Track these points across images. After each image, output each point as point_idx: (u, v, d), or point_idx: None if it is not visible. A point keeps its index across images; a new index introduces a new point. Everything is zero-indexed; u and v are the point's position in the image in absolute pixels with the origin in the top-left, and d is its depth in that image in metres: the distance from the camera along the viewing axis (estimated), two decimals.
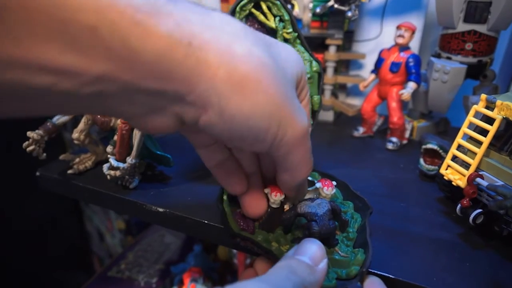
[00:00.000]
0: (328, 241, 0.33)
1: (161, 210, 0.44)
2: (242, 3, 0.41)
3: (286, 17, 0.43)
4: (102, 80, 0.19)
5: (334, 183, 0.38)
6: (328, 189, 0.37)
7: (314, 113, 0.49)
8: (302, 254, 0.27)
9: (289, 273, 0.24)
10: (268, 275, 0.24)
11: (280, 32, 0.44)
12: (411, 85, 0.59)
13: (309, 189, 0.42)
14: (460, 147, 0.42)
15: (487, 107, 0.40)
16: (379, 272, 0.35)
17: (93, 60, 0.18)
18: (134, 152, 0.44)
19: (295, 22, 0.44)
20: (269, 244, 0.34)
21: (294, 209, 0.33)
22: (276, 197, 0.34)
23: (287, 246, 0.34)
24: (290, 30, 0.44)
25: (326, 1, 0.64)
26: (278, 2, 0.43)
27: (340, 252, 0.34)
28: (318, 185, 0.37)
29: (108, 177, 0.46)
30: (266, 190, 0.35)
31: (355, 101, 0.80)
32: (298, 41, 0.45)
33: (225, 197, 0.39)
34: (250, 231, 0.35)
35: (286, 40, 0.45)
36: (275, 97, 0.23)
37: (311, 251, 0.27)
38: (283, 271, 0.24)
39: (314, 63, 0.46)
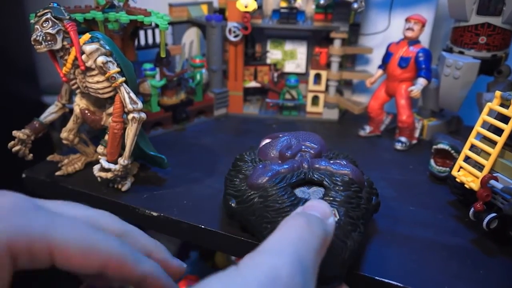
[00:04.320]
0: None
1: (155, 214, 0.44)
2: None
3: None
4: None
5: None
6: None
7: None
8: (311, 210, 0.27)
9: (304, 232, 0.23)
10: (274, 242, 0.22)
11: None
12: (421, 82, 0.59)
13: None
14: (473, 147, 0.42)
15: (502, 105, 0.40)
16: (386, 280, 0.35)
17: None
18: (126, 153, 0.44)
19: None
20: None
21: None
22: None
23: None
24: None
25: None
26: None
27: None
28: None
29: (99, 179, 0.46)
30: None
31: (362, 99, 0.80)
32: None
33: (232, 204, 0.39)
34: None
35: None
36: None
37: (320, 208, 0.27)
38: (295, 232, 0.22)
39: None
